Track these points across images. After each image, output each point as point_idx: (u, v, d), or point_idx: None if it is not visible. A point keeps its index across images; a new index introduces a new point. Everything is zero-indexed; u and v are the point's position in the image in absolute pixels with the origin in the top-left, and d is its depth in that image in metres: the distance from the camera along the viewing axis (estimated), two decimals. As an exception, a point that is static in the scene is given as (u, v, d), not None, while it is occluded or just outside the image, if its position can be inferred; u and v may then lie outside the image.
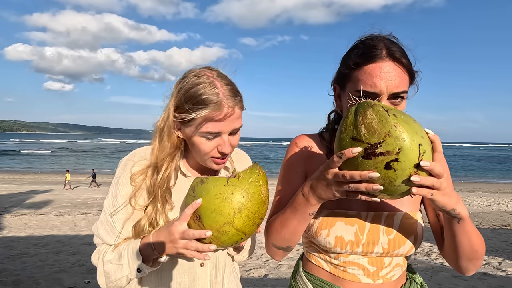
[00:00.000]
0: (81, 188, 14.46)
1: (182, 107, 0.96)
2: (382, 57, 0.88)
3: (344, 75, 0.95)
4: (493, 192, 15.32)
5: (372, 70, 0.88)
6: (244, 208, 0.83)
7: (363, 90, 0.87)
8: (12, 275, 4.16)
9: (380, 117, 0.70)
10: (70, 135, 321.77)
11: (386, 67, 0.88)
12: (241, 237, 0.86)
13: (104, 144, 79.85)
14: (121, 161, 1.04)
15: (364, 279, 0.97)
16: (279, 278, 4.22)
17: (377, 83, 0.87)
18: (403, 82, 0.89)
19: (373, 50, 0.89)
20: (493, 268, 4.67)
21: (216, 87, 0.94)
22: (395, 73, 0.88)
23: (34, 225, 6.98)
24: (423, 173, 0.70)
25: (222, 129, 0.95)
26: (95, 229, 1.01)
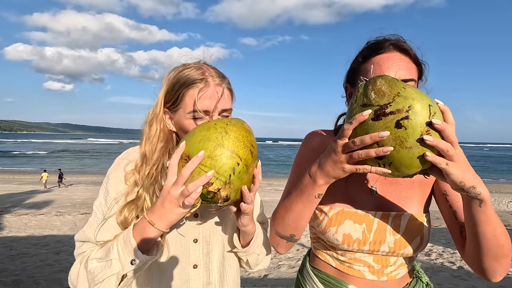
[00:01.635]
0: (81, 188, 14.46)
1: (170, 92, 0.96)
2: (390, 48, 0.92)
3: (354, 70, 0.99)
4: (493, 192, 15.32)
5: (380, 59, 0.92)
6: (230, 131, 0.80)
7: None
8: (12, 275, 4.16)
9: (389, 82, 0.71)
10: (69, 135, 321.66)
11: (393, 57, 0.91)
12: (237, 162, 0.78)
13: (93, 144, 79.83)
14: (115, 160, 1.02)
15: (369, 275, 0.99)
16: (279, 278, 4.22)
17: (386, 71, 0.90)
18: (411, 70, 0.92)
19: (380, 44, 0.94)
20: (493, 268, 4.67)
21: (202, 69, 0.96)
22: (402, 62, 0.91)
23: (34, 225, 6.98)
24: (436, 134, 0.68)
25: (209, 107, 0.93)
26: (80, 234, 0.91)
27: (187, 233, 1.00)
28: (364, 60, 0.95)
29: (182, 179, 0.76)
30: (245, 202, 0.85)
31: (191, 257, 1.00)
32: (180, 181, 0.77)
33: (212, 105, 0.93)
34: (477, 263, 0.85)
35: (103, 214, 0.92)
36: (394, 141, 0.69)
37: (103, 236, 0.89)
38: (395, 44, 0.93)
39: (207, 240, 1.03)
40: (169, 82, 0.97)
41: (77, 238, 0.92)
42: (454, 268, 4.69)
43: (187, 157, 0.78)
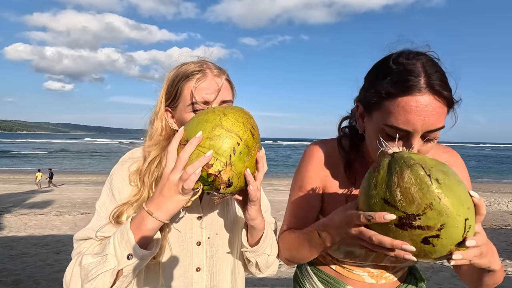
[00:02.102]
0: (81, 188, 14.44)
1: (170, 89, 0.95)
2: (420, 89, 0.74)
3: (372, 102, 0.82)
4: (493, 192, 15.31)
5: (407, 104, 0.74)
6: (229, 113, 0.77)
7: (394, 126, 0.76)
8: (12, 275, 4.16)
9: (420, 183, 0.60)
10: (67, 134, 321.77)
11: (423, 101, 0.74)
12: (237, 142, 0.75)
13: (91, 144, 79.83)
14: (120, 159, 1.01)
15: (368, 279, 0.99)
16: (279, 278, 4.22)
17: (412, 119, 0.74)
18: (441, 117, 0.76)
19: (409, 78, 0.75)
20: (493, 268, 4.67)
21: (202, 63, 0.95)
22: (433, 107, 0.74)
23: (34, 225, 6.98)
24: (464, 248, 0.63)
25: (208, 98, 0.90)
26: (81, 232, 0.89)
27: (190, 236, 0.98)
28: (388, 96, 0.77)
29: (180, 163, 0.73)
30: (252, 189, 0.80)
31: (194, 260, 0.98)
32: (179, 165, 0.73)
33: (211, 97, 0.91)
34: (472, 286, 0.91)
35: (106, 214, 0.89)
36: (417, 251, 0.62)
37: (105, 233, 0.87)
38: (427, 82, 0.74)
39: (211, 243, 1.01)
40: (168, 79, 0.97)
41: (77, 237, 0.90)
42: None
43: (186, 141, 0.75)
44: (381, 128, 0.79)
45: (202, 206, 1.01)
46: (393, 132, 0.77)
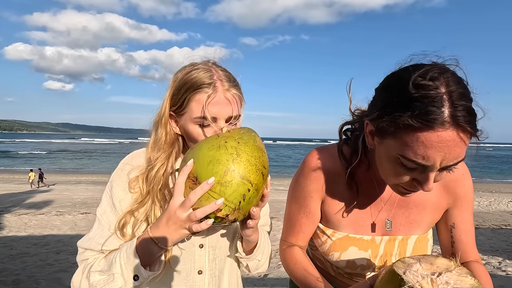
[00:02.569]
0: (81, 187, 14.44)
1: (176, 95, 0.91)
2: (443, 123, 0.65)
3: (387, 130, 0.73)
4: (493, 192, 15.31)
5: (428, 139, 0.67)
6: (242, 152, 0.75)
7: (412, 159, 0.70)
8: (12, 274, 4.16)
9: None
10: (64, 134, 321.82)
11: (446, 136, 0.66)
12: (248, 188, 0.74)
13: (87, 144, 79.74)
14: (119, 164, 0.97)
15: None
16: (279, 278, 4.22)
17: (432, 155, 0.68)
18: (462, 151, 0.70)
19: (431, 110, 0.66)
20: (493, 268, 4.67)
21: (211, 71, 0.89)
22: (456, 143, 0.67)
23: (34, 225, 6.97)
24: None
25: (217, 113, 0.87)
26: (84, 241, 0.90)
27: (193, 239, 0.97)
28: (406, 128, 0.68)
29: (189, 203, 0.74)
30: (252, 219, 0.82)
31: (196, 263, 0.97)
32: (188, 204, 0.74)
33: (220, 112, 0.88)
34: None
35: (108, 224, 0.90)
36: None
37: (110, 247, 0.88)
38: (451, 116, 0.65)
39: (213, 246, 1.00)
40: (175, 84, 0.92)
41: (81, 245, 0.90)
42: (454, 268, 4.69)
43: (195, 178, 0.74)
44: (396, 157, 0.73)
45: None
46: (409, 164, 0.71)
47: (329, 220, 0.98)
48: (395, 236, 0.96)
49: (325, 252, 0.99)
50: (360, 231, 0.96)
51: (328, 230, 0.98)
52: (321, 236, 1.00)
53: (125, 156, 1.00)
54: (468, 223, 0.98)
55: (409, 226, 0.97)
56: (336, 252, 0.96)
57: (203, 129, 0.89)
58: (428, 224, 0.98)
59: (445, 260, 0.69)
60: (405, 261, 0.70)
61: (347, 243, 0.95)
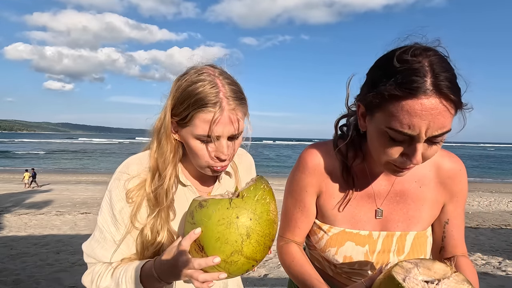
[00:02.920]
0: (81, 187, 14.44)
1: (179, 106, 0.88)
2: (426, 91, 0.69)
3: (374, 103, 0.78)
4: (493, 192, 15.31)
5: (412, 107, 0.70)
6: (253, 233, 0.74)
7: (398, 129, 0.73)
8: (12, 274, 4.16)
9: None
10: (68, 134, 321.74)
11: (428, 104, 0.69)
12: (252, 265, 0.77)
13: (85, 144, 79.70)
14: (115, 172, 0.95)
15: None
16: (279, 277, 4.22)
17: (416, 124, 0.71)
18: (447, 121, 0.72)
19: (414, 79, 0.69)
20: (493, 268, 4.67)
21: (217, 86, 0.86)
22: (439, 111, 0.70)
23: (34, 225, 6.98)
24: None
25: (220, 132, 0.86)
26: (89, 248, 0.92)
27: None
28: (391, 98, 0.72)
29: (193, 266, 0.76)
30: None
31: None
32: (191, 266, 0.76)
33: (224, 132, 0.87)
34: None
35: (111, 236, 0.91)
36: None
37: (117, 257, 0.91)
38: (433, 84, 0.69)
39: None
40: (178, 92, 0.89)
41: (87, 252, 0.92)
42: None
43: (201, 246, 0.75)
44: (384, 130, 0.76)
45: None
46: (396, 136, 0.74)
47: (325, 216, 0.98)
48: (393, 232, 0.96)
49: (322, 249, 0.98)
50: (357, 226, 0.96)
51: (324, 225, 0.98)
52: (318, 232, 1.00)
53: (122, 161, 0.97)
54: (460, 218, 0.99)
55: (408, 222, 0.96)
56: (333, 248, 0.96)
57: (206, 146, 0.88)
58: (427, 220, 0.98)
59: (442, 265, 0.70)
60: (403, 266, 0.70)
61: (343, 238, 0.95)
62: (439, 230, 1.00)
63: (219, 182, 1.06)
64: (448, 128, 0.73)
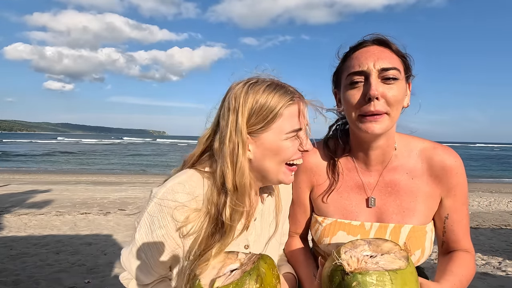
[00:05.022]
0: (81, 187, 14.45)
1: (256, 117, 0.87)
2: (368, 44, 0.94)
3: (337, 71, 1.01)
4: (493, 192, 15.30)
5: (359, 53, 0.93)
6: None
7: (352, 72, 0.91)
8: (12, 275, 4.16)
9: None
10: (68, 134, 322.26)
11: (372, 49, 0.92)
12: None
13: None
14: (154, 194, 0.92)
15: None
16: (279, 278, 4.23)
17: (364, 61, 0.90)
18: (392, 60, 0.90)
19: (359, 41, 0.96)
20: (493, 268, 4.66)
21: (284, 87, 0.92)
22: (380, 50, 0.92)
23: (34, 225, 6.97)
24: None
25: (301, 124, 0.92)
26: (127, 261, 0.95)
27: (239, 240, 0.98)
28: (345, 59, 0.97)
29: None
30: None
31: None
32: None
33: (303, 123, 0.93)
34: None
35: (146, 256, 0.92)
36: None
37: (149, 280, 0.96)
38: (374, 39, 0.94)
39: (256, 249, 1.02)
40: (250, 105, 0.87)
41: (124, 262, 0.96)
42: (454, 268, 4.69)
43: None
44: (346, 84, 0.94)
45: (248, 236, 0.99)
46: (354, 77, 0.91)
47: (318, 208, 1.06)
48: (386, 224, 0.97)
49: (318, 240, 1.03)
50: (349, 216, 1.00)
51: (319, 217, 1.04)
52: (314, 225, 1.05)
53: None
54: (460, 213, 0.99)
55: (402, 215, 0.98)
56: (326, 238, 1.00)
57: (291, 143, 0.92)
58: (424, 213, 0.99)
59: (391, 244, 0.76)
60: (355, 243, 0.77)
61: (336, 228, 0.99)
62: (439, 225, 1.01)
63: (262, 204, 1.04)
64: (397, 66, 0.90)
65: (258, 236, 1.00)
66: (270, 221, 1.03)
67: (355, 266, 0.68)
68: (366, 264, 0.68)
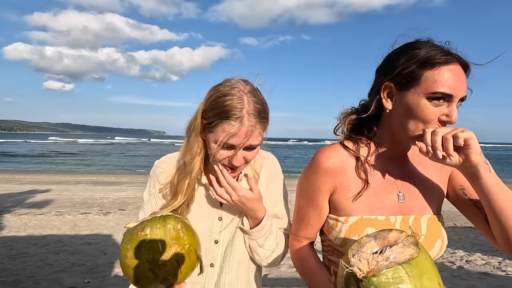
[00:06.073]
0: (81, 187, 14.45)
1: (208, 112, 1.01)
2: (455, 60, 0.88)
3: (410, 74, 0.89)
4: (493, 192, 15.30)
5: (450, 72, 0.86)
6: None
7: (441, 91, 0.86)
8: (12, 274, 4.16)
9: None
10: (68, 134, 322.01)
11: (459, 72, 0.88)
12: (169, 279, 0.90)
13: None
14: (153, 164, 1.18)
15: None
16: (279, 278, 4.22)
17: (454, 85, 0.86)
18: (465, 87, 0.90)
19: (448, 52, 0.89)
20: (493, 268, 4.67)
21: (243, 102, 0.96)
22: (463, 76, 0.89)
23: (34, 225, 6.97)
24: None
25: (236, 143, 0.98)
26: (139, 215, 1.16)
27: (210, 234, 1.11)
28: (432, 66, 0.87)
29: None
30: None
31: (209, 256, 1.09)
32: None
33: (240, 144, 0.98)
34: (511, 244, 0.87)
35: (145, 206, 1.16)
36: None
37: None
38: (461, 60, 0.90)
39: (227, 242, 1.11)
40: (209, 100, 1.01)
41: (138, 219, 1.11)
42: (454, 268, 4.69)
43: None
44: (426, 96, 0.87)
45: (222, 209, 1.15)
46: (439, 97, 0.86)
47: (340, 208, 1.01)
48: (408, 216, 0.98)
49: (342, 243, 0.98)
50: (374, 212, 0.98)
51: (341, 217, 1.00)
52: (335, 227, 1.00)
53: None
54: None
55: (421, 205, 0.99)
56: (354, 237, 0.95)
57: (223, 150, 1.01)
58: (437, 202, 1.01)
59: (396, 233, 0.74)
60: (360, 242, 0.74)
61: (363, 225, 0.96)
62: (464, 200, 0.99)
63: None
64: (466, 94, 0.89)
65: (232, 212, 1.14)
66: None
67: (367, 269, 0.66)
68: (377, 263, 0.66)
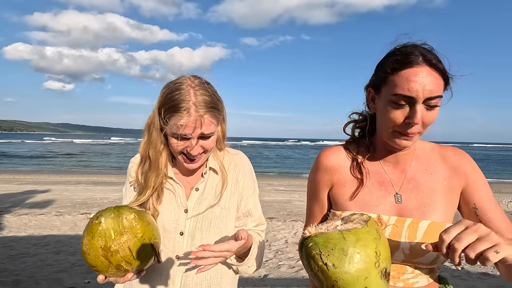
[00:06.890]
0: (81, 188, 14.45)
1: (160, 108, 1.07)
2: (419, 62, 0.90)
3: (380, 79, 0.98)
4: (493, 192, 15.26)
5: (409, 75, 0.90)
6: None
7: (399, 93, 0.91)
8: (12, 275, 4.16)
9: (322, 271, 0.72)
10: (68, 134, 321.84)
11: (422, 73, 0.89)
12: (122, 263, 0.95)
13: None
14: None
15: None
16: (279, 278, 4.22)
17: (413, 87, 0.89)
18: (438, 87, 0.91)
19: (410, 56, 0.91)
20: (493, 268, 4.67)
21: (190, 95, 1.03)
22: (430, 78, 0.90)
23: (34, 225, 6.97)
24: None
25: (189, 133, 1.04)
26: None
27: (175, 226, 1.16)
28: (392, 71, 0.93)
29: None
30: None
31: (176, 248, 1.14)
32: None
33: (191, 133, 1.04)
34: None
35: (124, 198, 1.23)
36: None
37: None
38: (424, 58, 0.91)
39: (192, 235, 1.16)
40: (162, 97, 1.08)
41: None
42: (454, 268, 4.69)
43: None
44: (389, 100, 0.93)
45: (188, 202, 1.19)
46: (399, 99, 0.91)
47: (338, 204, 1.07)
48: (404, 218, 0.97)
49: None
50: (369, 210, 1.00)
51: (337, 212, 1.05)
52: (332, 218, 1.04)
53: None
54: (489, 200, 1.00)
55: (423, 210, 0.98)
56: None
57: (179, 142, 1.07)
58: (444, 209, 0.98)
59: (358, 215, 0.83)
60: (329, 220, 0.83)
61: None
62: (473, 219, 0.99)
63: (203, 177, 1.22)
64: (440, 94, 0.91)
65: (198, 204, 1.19)
66: (213, 193, 1.21)
67: (314, 232, 0.77)
68: (326, 229, 0.76)
